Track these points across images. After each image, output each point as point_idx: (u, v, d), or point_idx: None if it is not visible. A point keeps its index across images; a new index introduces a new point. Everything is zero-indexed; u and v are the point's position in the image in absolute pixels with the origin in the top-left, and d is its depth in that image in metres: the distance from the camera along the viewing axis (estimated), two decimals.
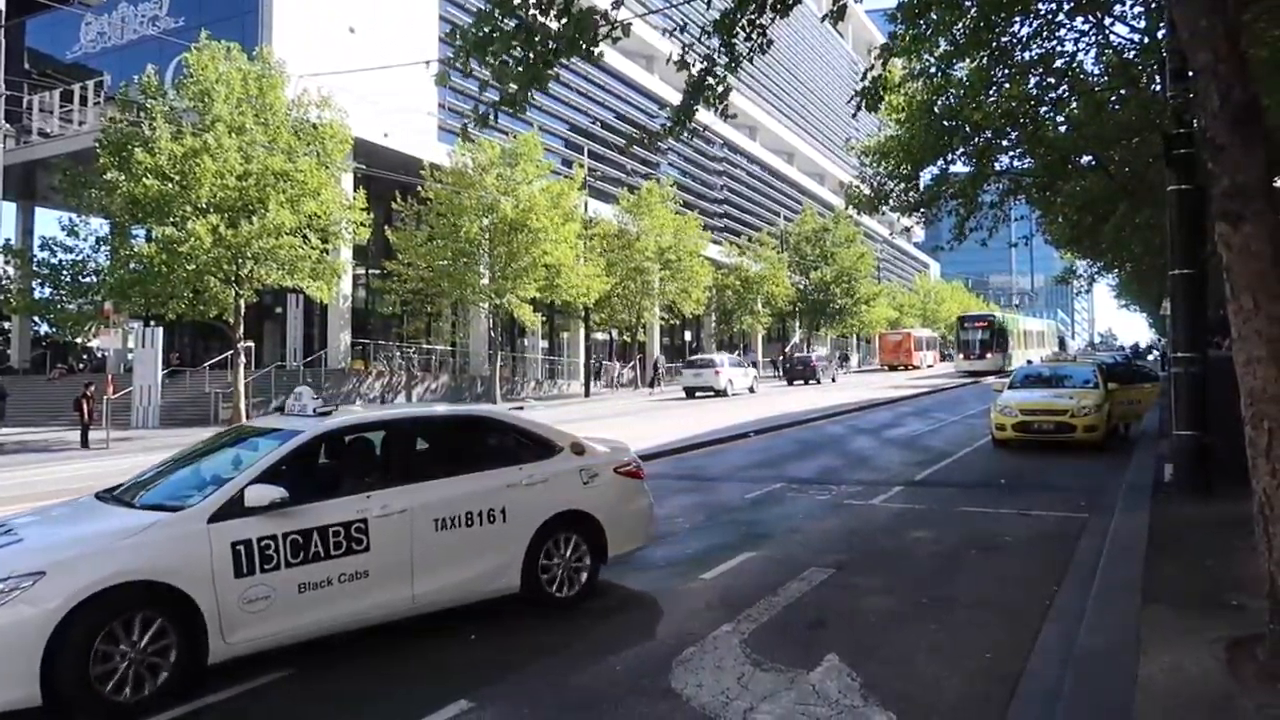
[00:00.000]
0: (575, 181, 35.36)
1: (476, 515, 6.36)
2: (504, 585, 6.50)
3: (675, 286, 44.31)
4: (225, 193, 23.08)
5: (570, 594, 6.79)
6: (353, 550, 5.79)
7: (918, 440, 18.65)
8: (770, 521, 10.14)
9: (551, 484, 6.81)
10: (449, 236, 31.26)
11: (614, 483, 7.21)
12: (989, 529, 9.43)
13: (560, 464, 6.96)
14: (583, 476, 7.01)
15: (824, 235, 62.15)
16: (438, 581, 6.14)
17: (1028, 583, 7.29)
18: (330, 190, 25.26)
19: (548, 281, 33.40)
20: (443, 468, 6.46)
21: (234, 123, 23.57)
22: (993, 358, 49.82)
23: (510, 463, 6.75)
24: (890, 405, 28.95)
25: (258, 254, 23.65)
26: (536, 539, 6.64)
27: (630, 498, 7.34)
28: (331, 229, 25.99)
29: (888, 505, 11.05)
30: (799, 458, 16.15)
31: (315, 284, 25.27)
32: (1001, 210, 18.40)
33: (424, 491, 6.18)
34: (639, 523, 7.41)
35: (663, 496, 12.04)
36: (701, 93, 7.24)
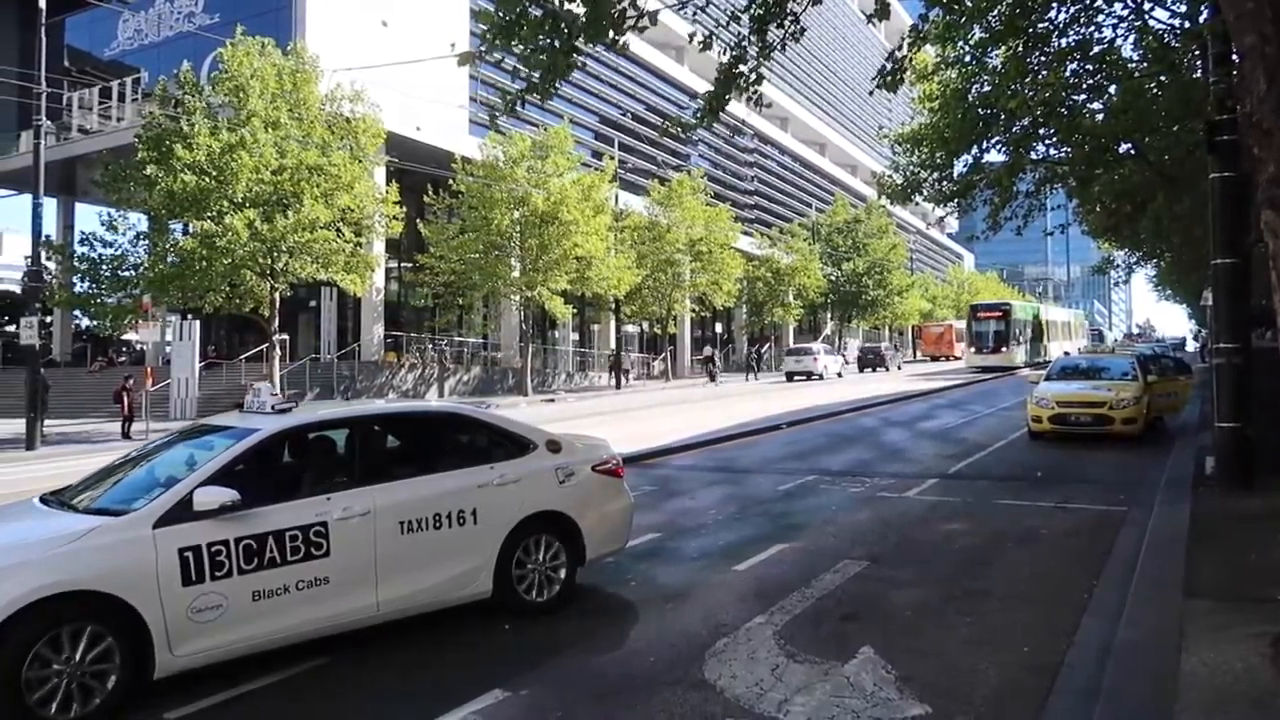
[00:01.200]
0: (606, 174, 35.34)
1: (445, 517, 6.04)
2: (475, 590, 6.20)
3: (706, 278, 44.20)
4: (261, 187, 23.34)
5: (546, 598, 6.48)
6: (311, 555, 5.48)
7: (952, 432, 18.50)
8: (803, 513, 10.11)
9: (525, 483, 6.49)
10: (480, 229, 31.40)
11: (592, 482, 6.89)
12: (1025, 522, 9.33)
13: (534, 462, 6.64)
14: (559, 475, 6.69)
15: (856, 226, 61.68)
16: (404, 587, 5.84)
17: (1065, 576, 7.20)
18: (363, 184, 25.46)
19: (578, 274, 33.46)
20: (410, 467, 6.21)
21: (269, 117, 23.82)
22: (1009, 352, 45.58)
23: (481, 461, 6.44)
24: (924, 397, 28.71)
25: (293, 248, 23.89)
26: (510, 541, 6.33)
27: (609, 497, 7.03)
28: (365, 222, 26.19)
29: (922, 498, 10.97)
30: (831, 450, 16.08)
31: (349, 277, 25.50)
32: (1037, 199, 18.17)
33: (389, 492, 5.88)
34: (618, 523, 7.10)
35: (694, 488, 12.06)
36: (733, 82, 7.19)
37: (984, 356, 45.89)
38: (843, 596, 6.80)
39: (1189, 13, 12.78)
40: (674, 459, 15.17)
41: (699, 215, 43.21)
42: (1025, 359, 46.82)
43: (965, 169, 17.39)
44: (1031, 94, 13.81)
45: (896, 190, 18.30)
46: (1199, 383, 22.45)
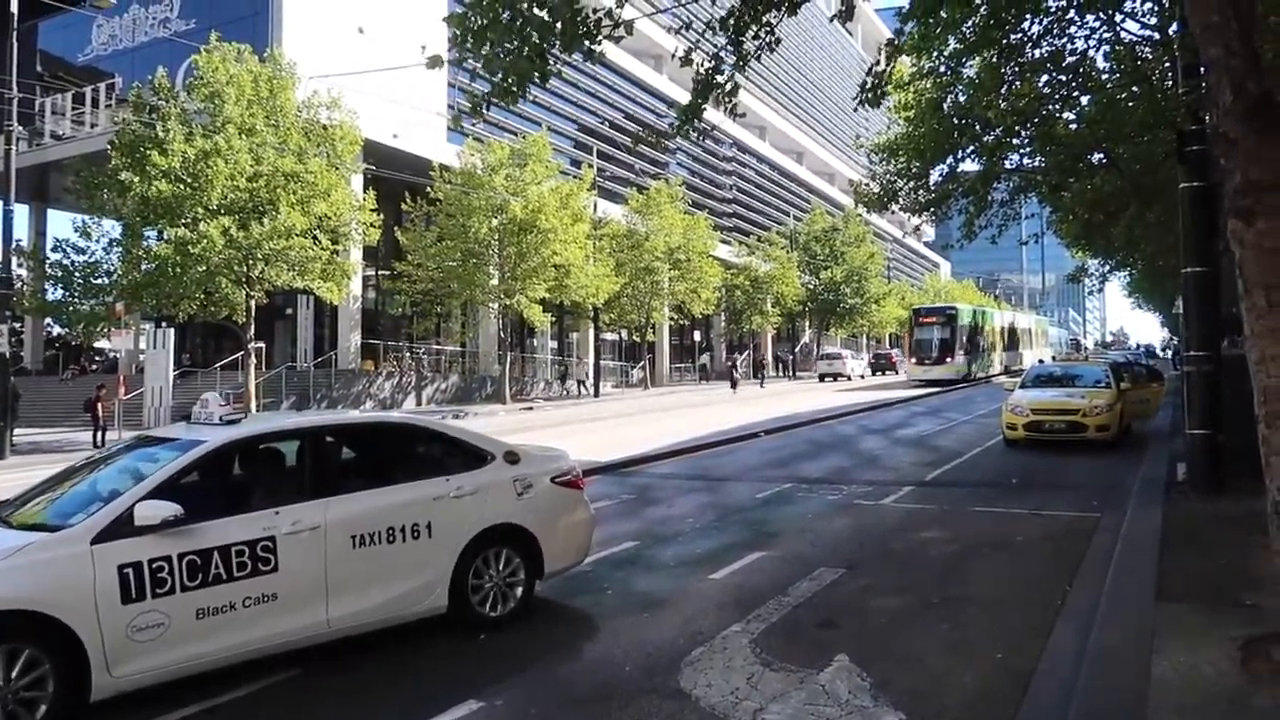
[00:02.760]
0: (584, 182, 35.37)
1: (399, 530, 5.91)
2: (430, 605, 6.07)
3: (685, 286, 44.29)
4: (237, 194, 23.17)
5: (503, 613, 6.38)
6: (259, 571, 5.34)
7: (928, 440, 18.61)
8: (780, 521, 10.13)
9: (482, 496, 6.36)
10: (458, 237, 31.32)
11: (551, 494, 6.78)
12: (1001, 528, 9.39)
13: (492, 474, 6.51)
14: (516, 488, 6.57)
15: (834, 234, 62.03)
16: (356, 603, 5.70)
17: (1040, 581, 7.25)
18: (340, 191, 25.33)
19: (557, 282, 33.44)
20: (362, 480, 6.09)
21: (245, 124, 23.67)
22: (954, 362, 40.73)
23: (437, 473, 6.31)
24: (903, 405, 28.88)
25: (269, 255, 23.72)
26: (466, 555, 6.20)
27: (568, 510, 6.91)
28: (341, 230, 26.05)
29: (898, 505, 11.02)
30: (809, 457, 16.12)
31: (325, 285, 25.34)
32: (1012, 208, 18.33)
33: (340, 506, 5.74)
34: (578, 537, 7.00)
35: (672, 496, 12.06)
36: (710, 91, 7.21)
37: (925, 368, 40.80)
38: (819, 604, 6.80)
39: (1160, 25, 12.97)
40: (652, 467, 15.16)
41: (677, 224, 43.32)
42: (975, 370, 42.65)
43: (941, 178, 17.52)
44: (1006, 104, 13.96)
45: (873, 199, 18.39)
46: (1170, 389, 22.72)
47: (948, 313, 42.71)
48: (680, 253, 43.59)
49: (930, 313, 43.77)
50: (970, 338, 42.52)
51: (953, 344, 40.96)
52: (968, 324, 42.72)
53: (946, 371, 40.19)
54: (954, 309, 43.25)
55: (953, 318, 41.92)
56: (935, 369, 40.28)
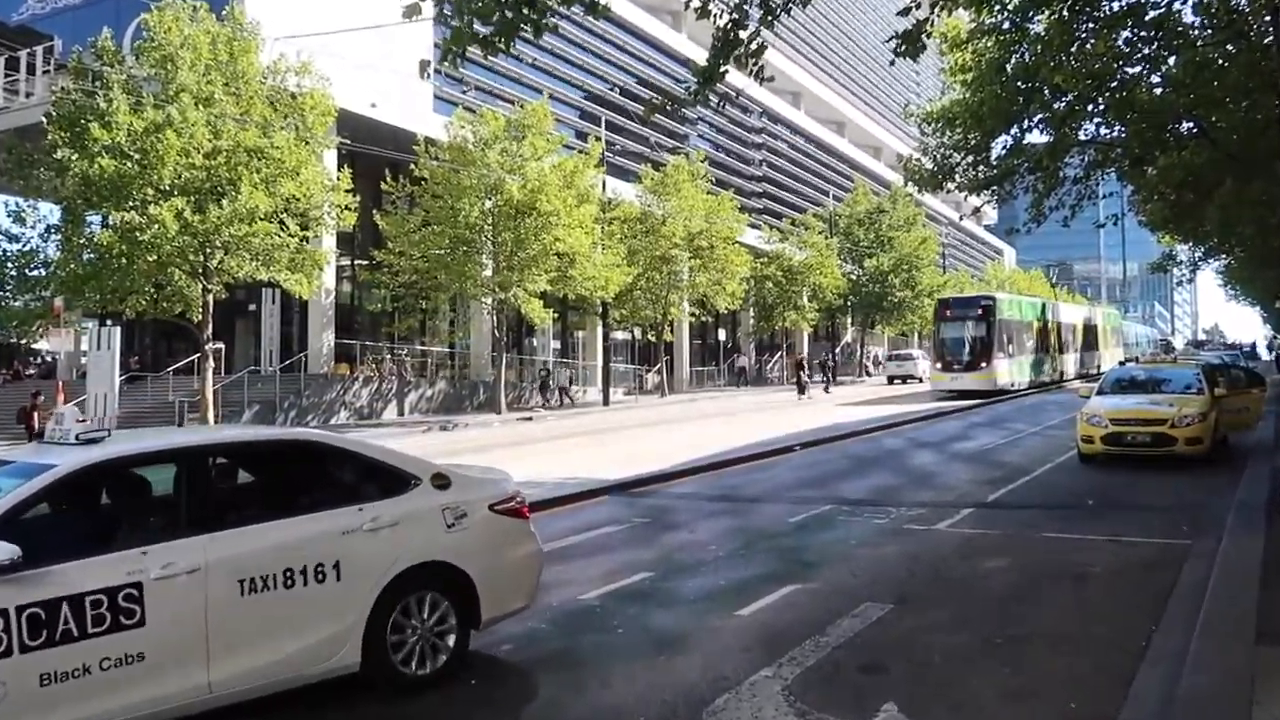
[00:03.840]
0: (591, 157, 35.44)
1: (300, 572, 5.60)
2: (339, 663, 5.76)
3: (707, 278, 44.31)
4: (191, 173, 23.32)
5: (430, 671, 6.10)
6: (121, 625, 4.98)
7: (990, 454, 18.54)
8: (818, 549, 10.11)
9: (404, 528, 6.10)
10: (446, 221, 31.42)
11: (489, 525, 6.55)
12: (1074, 557, 9.34)
13: (416, 501, 6.28)
14: (446, 518, 6.31)
15: (880, 217, 61.93)
16: (244, 662, 5.36)
17: (1120, 619, 7.21)
18: (311, 169, 25.46)
19: (560, 273, 33.50)
20: (254, 510, 5.89)
21: (201, 93, 23.82)
22: (991, 368, 36.34)
23: (348, 501, 6.07)
24: (959, 415, 28.79)
25: (228, 242, 23.87)
26: (384, 601, 5.92)
27: (511, 544, 6.69)
28: (312, 213, 26.18)
29: (955, 530, 10.99)
30: (851, 475, 16.10)
31: (294, 276, 25.47)
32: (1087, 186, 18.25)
33: (226, 543, 5.43)
34: (523, 576, 6.76)
35: (692, 520, 12.05)
36: (731, 50, 7.16)
37: (952, 376, 36.93)
38: (863, 645, 6.79)
39: None
40: (669, 486, 15.17)
41: (699, 205, 43.33)
42: (1022, 378, 39.18)
43: (1004, 151, 17.46)
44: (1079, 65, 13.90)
45: (926, 176, 18.35)
46: (1273, 396, 22.55)
47: (982, 304, 38.43)
48: (702, 239, 43.61)
49: (960, 304, 40.20)
50: (1013, 336, 38.55)
51: (989, 345, 36.59)
52: (1010, 319, 38.68)
53: (979, 380, 35.92)
54: (991, 299, 39.09)
55: (989, 310, 37.37)
56: (965, 376, 36.27)
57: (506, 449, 21.42)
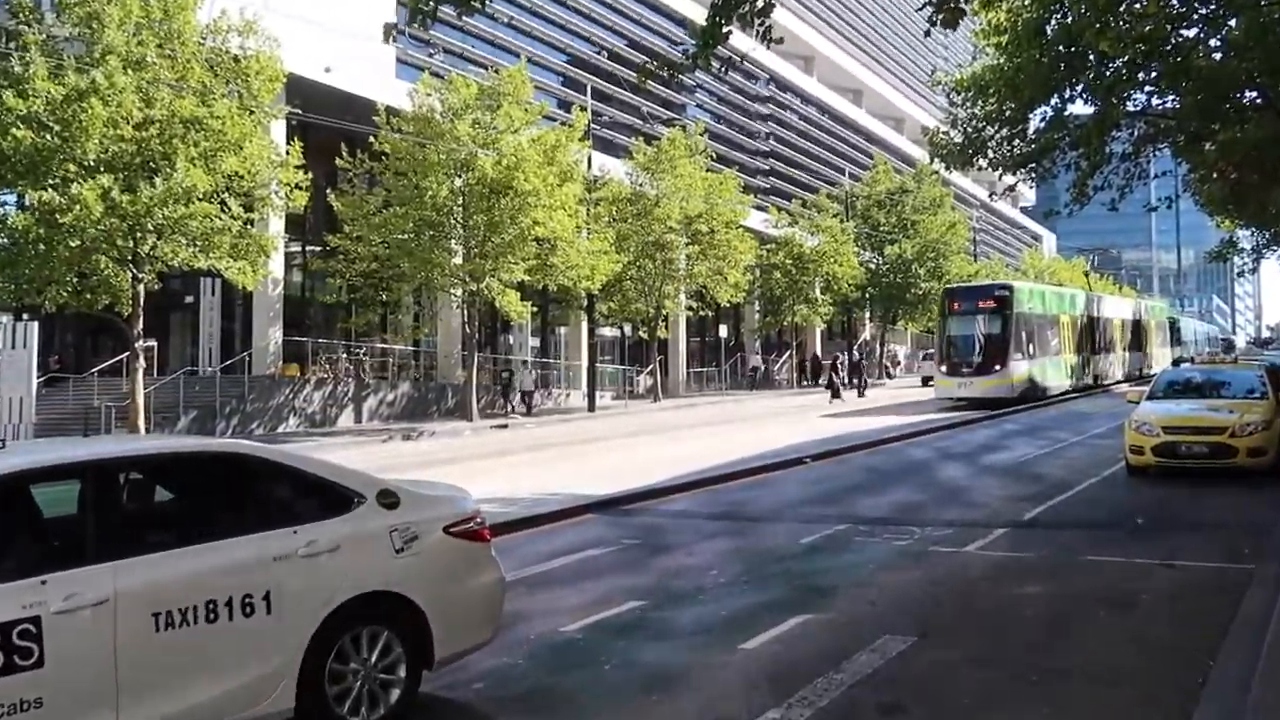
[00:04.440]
0: (576, 129, 35.41)
1: (224, 604, 5.49)
2: (270, 708, 5.62)
3: (707, 266, 44.38)
4: (120, 146, 23.23)
5: (375, 718, 6.02)
6: (15, 667, 4.83)
7: (1027, 467, 18.59)
8: (832, 574, 10.13)
9: (346, 553, 6.02)
10: (411, 202, 31.38)
11: (444, 550, 6.50)
12: (1121, 583, 9.37)
13: (360, 523, 6.20)
14: (395, 541, 6.25)
15: (902, 198, 62.14)
16: (160, 708, 5.23)
17: (1173, 652, 7.24)
18: (256, 142, 25.39)
19: (539, 260, 33.48)
20: (173, 533, 5.80)
21: (131, 55, 23.72)
22: (1006, 371, 34.76)
23: (281, 522, 5.98)
24: (993, 422, 28.87)
25: (162, 225, 23.78)
26: (322, 637, 5.82)
27: (469, 571, 6.63)
28: (258, 193, 26.11)
29: (987, 553, 11.01)
30: (869, 491, 16.15)
31: (236, 265, 25.39)
32: (1136, 164, 18.33)
33: (139, 571, 5.30)
34: (482, 608, 6.72)
35: (690, 541, 12.06)
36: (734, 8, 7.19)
37: (961, 381, 35.48)
38: (883, 682, 6.80)
39: None
40: (663, 503, 15.19)
41: (698, 184, 43.39)
42: (1048, 382, 37.91)
43: (1043, 124, 17.51)
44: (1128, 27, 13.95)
45: (954, 152, 18.41)
46: None
47: (997, 294, 36.96)
48: (701, 222, 43.66)
49: (970, 295, 38.82)
50: (1035, 334, 36.98)
51: (1004, 344, 35.11)
52: (1032, 313, 37.27)
53: (992, 385, 34.49)
54: (1007, 289, 37.70)
55: (1005, 302, 35.87)
56: (975, 382, 34.88)
57: (477, 460, 21.39)
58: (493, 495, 14.38)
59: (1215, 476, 15.54)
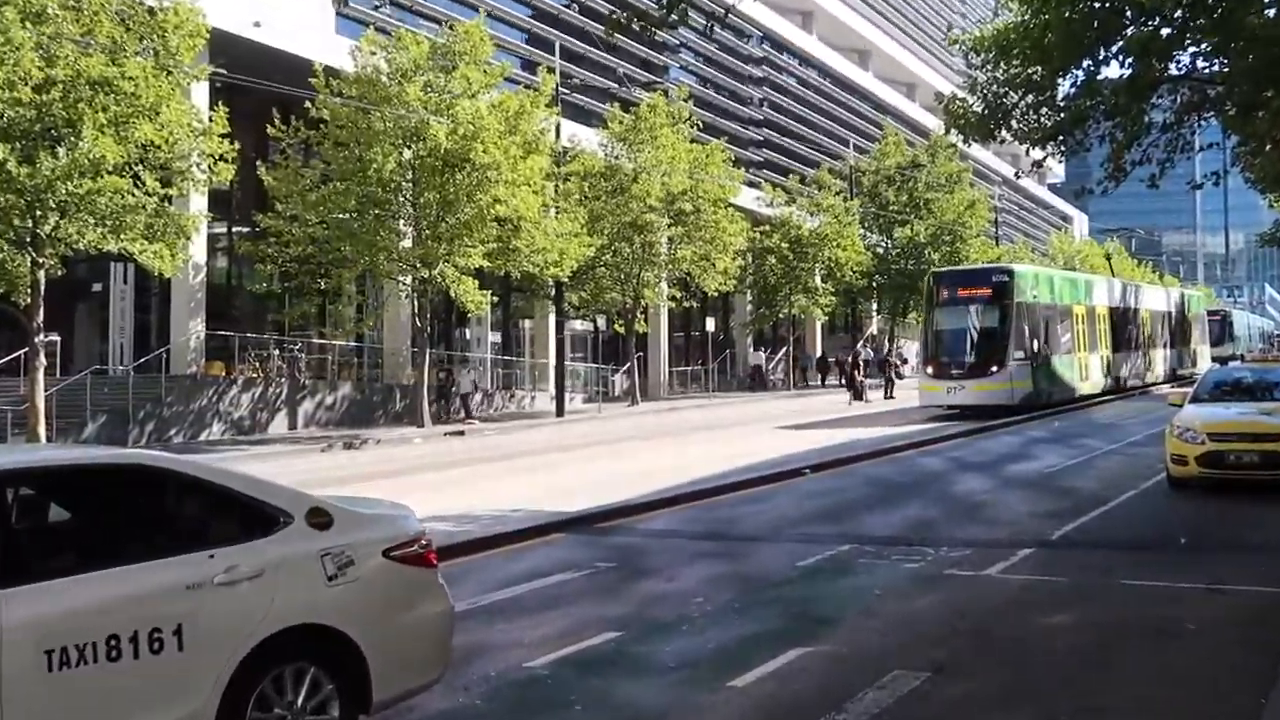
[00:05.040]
0: (542, 94, 35.35)
1: (129, 640, 5.34)
2: None
3: (692, 251, 44.41)
4: (16, 111, 23.05)
5: None
6: None
7: (1055, 479, 18.66)
8: (833, 601, 10.14)
9: (270, 581, 5.91)
10: (353, 177, 31.25)
11: (383, 577, 6.43)
12: (1162, 610, 9.40)
13: (287, 545, 6.09)
14: (327, 567, 6.14)
15: (915, 174, 62.29)
16: None
17: (1219, 688, 7.27)
18: (174, 107, 25.23)
19: (501, 244, 33.41)
20: (68, 557, 5.77)
21: (29, 7, 23.55)
22: (1003, 375, 33.35)
23: (195, 545, 5.89)
24: (1015, 428, 28.98)
25: (65, 202, 23.60)
26: (242, 678, 5.68)
27: (412, 601, 6.58)
28: (177, 165, 25.94)
29: (1010, 577, 11.04)
30: (876, 506, 16.20)
31: (152, 248, 25.21)
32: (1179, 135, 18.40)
33: (29, 601, 5.20)
34: (428, 643, 6.65)
35: (672, 564, 12.06)
36: None
37: (950, 384, 33.97)
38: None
39: None
40: (642, 520, 15.18)
41: (681, 157, 43.40)
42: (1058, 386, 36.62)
43: (1074, 89, 17.56)
44: None
45: (974, 121, 18.44)
46: None
47: (995, 279, 35.55)
48: (685, 200, 43.69)
49: (961, 280, 37.39)
50: (1041, 328, 35.62)
51: (1002, 340, 33.80)
52: (1037, 303, 35.86)
53: (987, 390, 33.07)
54: (1006, 273, 36.21)
55: (1004, 289, 34.45)
56: (966, 387, 33.36)
57: (430, 472, 21.35)
58: (447, 512, 14.34)
59: (1268, 489, 15.63)
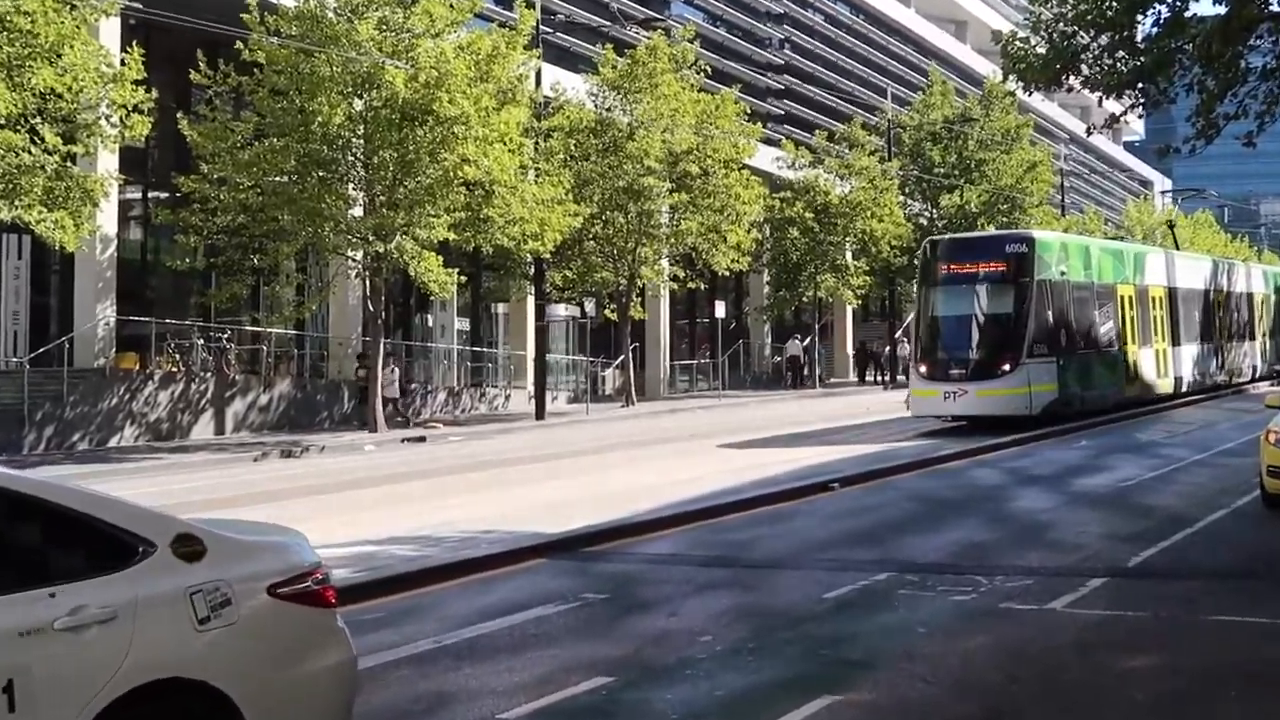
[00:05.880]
0: (520, 34, 35.29)
1: None
2: None
3: (699, 222, 44.26)
4: None
5: None
6: None
7: (1132, 495, 18.66)
8: (868, 641, 10.13)
9: (126, 625, 5.67)
10: (294, 132, 31.17)
11: (268, 620, 6.24)
12: (1261, 651, 9.41)
13: (147, 581, 5.86)
14: (197, 607, 5.91)
15: (965, 131, 62.19)
16: None
17: None
18: (79, 49, 25.19)
19: (470, 213, 33.33)
20: None
21: None
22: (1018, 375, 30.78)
23: (32, 581, 5.63)
24: (1088, 432, 28.98)
25: None
26: None
27: (303, 649, 6.38)
28: (82, 118, 25.90)
29: (1079, 612, 11.02)
30: (918, 526, 16.21)
31: (52, 216, 25.19)
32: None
33: None
34: (322, 701, 6.48)
35: (675, 596, 12.06)
36: None
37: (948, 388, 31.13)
38: None
39: None
40: (639, 543, 15.20)
41: (686, 109, 43.28)
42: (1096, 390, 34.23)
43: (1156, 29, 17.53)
44: None
45: (1036, 66, 18.40)
46: None
47: (1009, 251, 32.95)
48: (691, 161, 43.63)
49: (965, 252, 34.93)
50: (1072, 315, 33.31)
51: (1017, 330, 31.55)
52: (1065, 282, 33.46)
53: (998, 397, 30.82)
54: (1025, 243, 33.29)
55: (1021, 264, 32.09)
56: (969, 392, 30.78)
57: (384, 485, 21.33)
58: (405, 533, 14.37)
59: None
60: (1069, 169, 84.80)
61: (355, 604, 10.61)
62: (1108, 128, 21.92)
